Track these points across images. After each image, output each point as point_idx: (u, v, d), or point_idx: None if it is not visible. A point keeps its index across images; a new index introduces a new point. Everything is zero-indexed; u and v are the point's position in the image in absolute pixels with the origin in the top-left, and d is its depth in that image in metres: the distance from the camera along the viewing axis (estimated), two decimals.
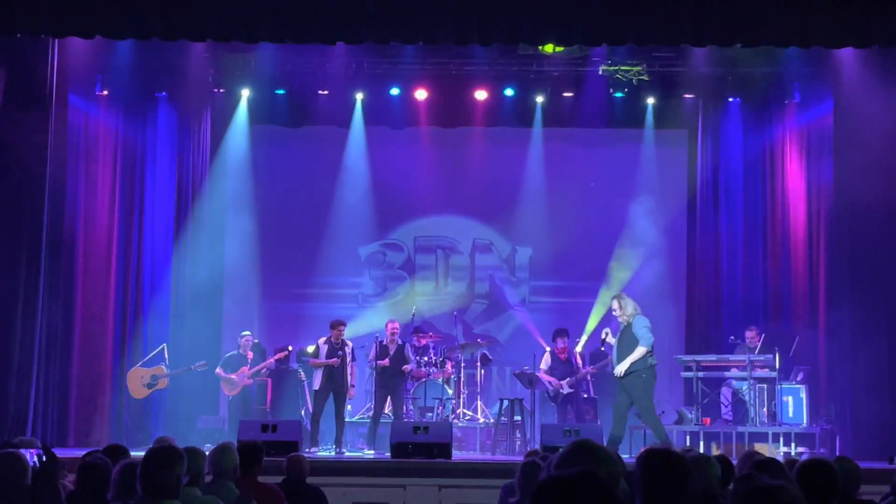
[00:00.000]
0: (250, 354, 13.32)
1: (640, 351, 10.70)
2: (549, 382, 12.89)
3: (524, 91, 14.60)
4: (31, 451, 5.46)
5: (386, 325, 13.01)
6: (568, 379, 12.82)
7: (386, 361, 12.59)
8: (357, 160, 15.17)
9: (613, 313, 11.07)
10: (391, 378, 12.66)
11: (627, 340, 10.79)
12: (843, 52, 12.17)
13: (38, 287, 12.13)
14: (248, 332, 13.52)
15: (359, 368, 13.26)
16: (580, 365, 13.14)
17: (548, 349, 13.28)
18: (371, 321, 14.62)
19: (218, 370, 13.27)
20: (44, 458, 5.20)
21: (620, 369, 10.75)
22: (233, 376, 13.15)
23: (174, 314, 14.05)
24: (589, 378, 13.32)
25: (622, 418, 10.92)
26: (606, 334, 11.29)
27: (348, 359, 12.55)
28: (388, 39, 11.32)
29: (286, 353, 13.56)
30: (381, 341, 12.78)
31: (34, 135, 12.14)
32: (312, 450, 12.03)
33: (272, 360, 13.38)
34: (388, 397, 12.69)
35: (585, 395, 13.26)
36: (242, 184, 15.14)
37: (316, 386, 12.48)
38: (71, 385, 13.03)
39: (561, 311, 15.12)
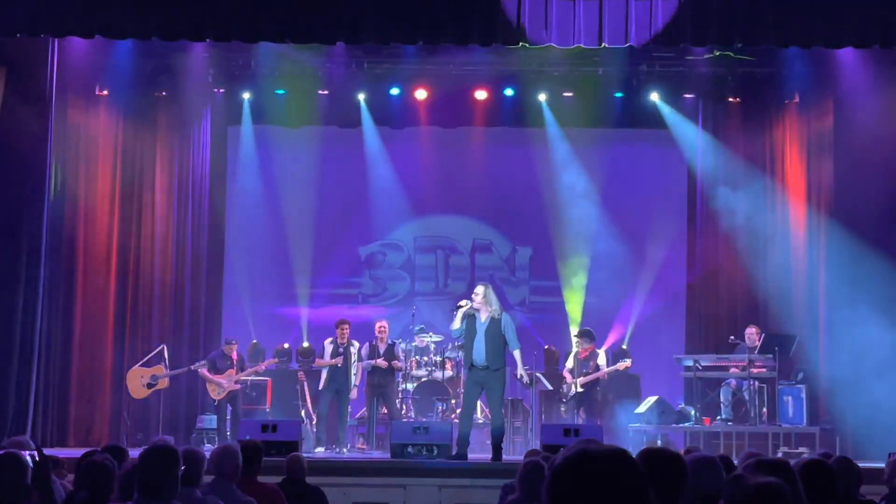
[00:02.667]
0: (234, 356, 13.13)
1: (518, 354, 10.77)
2: (565, 381, 12.92)
3: (524, 91, 14.60)
4: (25, 452, 5.44)
5: (374, 325, 13.02)
6: (580, 378, 12.78)
7: (382, 361, 12.60)
8: (357, 160, 15.17)
9: (475, 299, 10.67)
10: (381, 377, 12.66)
11: (495, 333, 10.59)
12: (843, 52, 12.16)
13: (38, 287, 12.12)
14: (234, 340, 13.35)
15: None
16: (597, 366, 13.03)
17: (573, 351, 13.24)
18: (371, 321, 14.62)
19: (202, 371, 12.97)
20: (36, 459, 5.19)
21: (523, 374, 10.93)
22: (221, 379, 13.01)
23: (174, 314, 14.04)
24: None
25: (472, 412, 11.11)
26: (467, 304, 10.80)
27: (353, 359, 12.55)
28: (388, 39, 11.31)
29: (275, 361, 13.52)
30: (371, 342, 12.79)
31: (34, 135, 12.14)
32: (316, 450, 12.05)
33: (261, 365, 13.26)
34: (379, 397, 12.69)
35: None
36: (242, 184, 15.14)
37: (320, 385, 12.49)
38: (71, 385, 13.03)
39: (561, 311, 15.13)
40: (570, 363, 13.06)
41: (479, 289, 10.83)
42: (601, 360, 13.07)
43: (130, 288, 13.79)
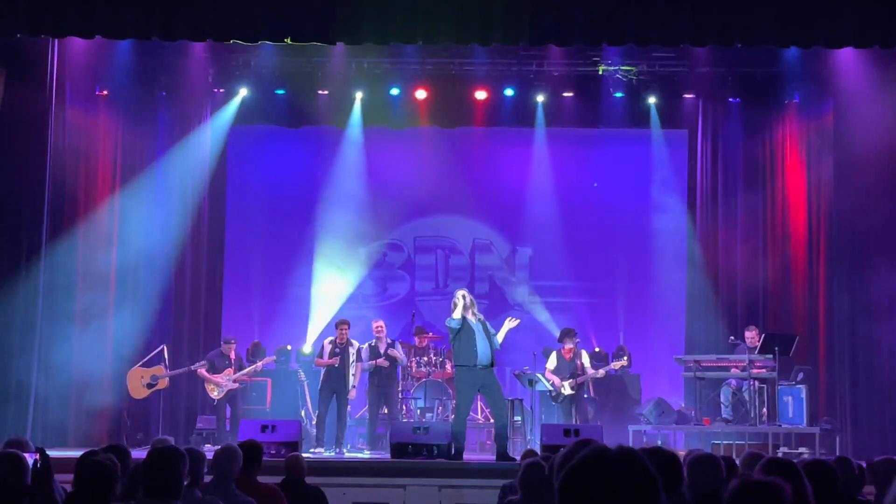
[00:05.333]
0: (233, 356, 13.14)
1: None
2: (552, 382, 12.87)
3: (524, 91, 14.59)
4: (28, 455, 5.45)
5: (372, 326, 13.02)
6: (570, 381, 12.77)
7: (384, 361, 12.61)
8: (357, 160, 15.17)
9: (464, 300, 10.69)
10: (384, 378, 12.67)
11: (487, 332, 10.74)
12: (843, 52, 12.17)
13: (39, 287, 12.12)
14: (233, 339, 13.36)
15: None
16: (583, 366, 13.03)
17: (555, 351, 13.23)
18: (371, 321, 14.61)
19: (201, 371, 12.99)
20: (38, 467, 5.19)
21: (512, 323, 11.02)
22: (219, 379, 13.00)
23: (174, 314, 14.04)
24: (590, 379, 13.28)
25: (468, 412, 11.15)
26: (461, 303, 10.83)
27: (352, 359, 12.55)
28: (388, 39, 11.31)
29: (272, 359, 13.53)
30: (371, 342, 12.79)
31: (34, 134, 12.13)
32: (317, 451, 12.04)
33: (259, 364, 13.26)
34: (382, 397, 12.71)
35: (587, 396, 13.22)
36: (243, 184, 15.15)
37: (319, 385, 12.50)
38: (71, 385, 13.01)
39: (560, 311, 15.13)
40: (552, 363, 13.03)
41: (464, 291, 10.95)
42: (585, 359, 13.08)
43: (130, 288, 13.79)
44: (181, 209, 14.25)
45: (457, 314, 10.71)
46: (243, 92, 14.48)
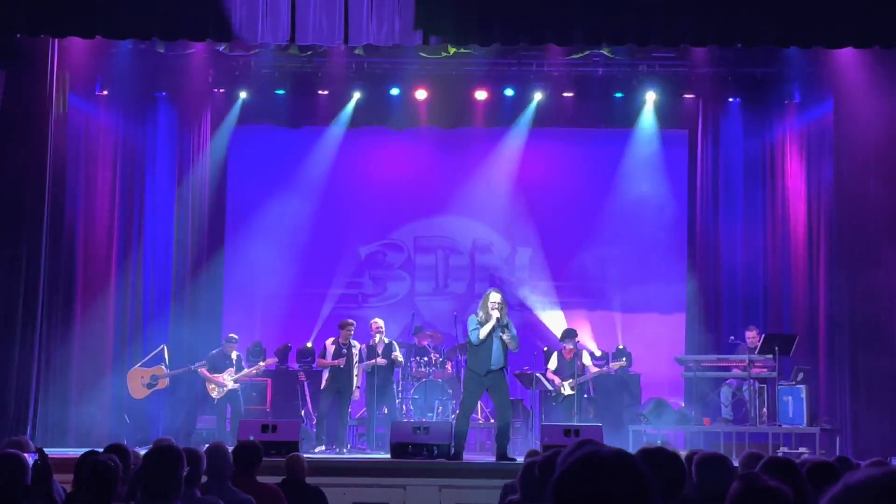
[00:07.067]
0: (234, 355, 13.14)
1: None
2: (552, 382, 12.86)
3: (524, 91, 14.59)
4: (28, 454, 5.44)
5: (370, 325, 13.01)
6: (570, 381, 12.77)
7: (382, 360, 12.61)
8: (357, 160, 15.17)
9: (497, 308, 10.56)
10: (381, 377, 12.68)
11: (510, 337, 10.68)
12: (843, 52, 12.17)
13: (39, 286, 12.12)
14: (234, 336, 13.34)
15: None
16: (584, 366, 13.03)
17: (556, 351, 13.22)
18: (369, 321, 14.60)
19: (202, 370, 12.97)
20: (38, 464, 5.19)
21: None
22: (220, 378, 12.99)
23: (174, 314, 14.04)
24: (590, 380, 13.27)
25: (472, 412, 11.19)
26: (495, 318, 10.66)
27: (355, 360, 12.56)
28: (389, 40, 11.31)
29: (273, 360, 13.53)
30: (369, 342, 12.80)
31: (34, 135, 12.14)
32: (316, 450, 12.04)
33: (260, 365, 13.23)
34: (380, 396, 12.71)
35: (587, 396, 13.22)
36: (243, 184, 15.15)
37: (322, 385, 12.50)
38: (71, 385, 13.02)
39: (561, 310, 15.12)
40: (553, 364, 13.02)
41: (499, 297, 10.71)
42: (586, 359, 13.06)
43: (130, 287, 13.80)
44: (181, 208, 14.26)
45: (484, 331, 10.53)
46: (243, 94, 14.45)
